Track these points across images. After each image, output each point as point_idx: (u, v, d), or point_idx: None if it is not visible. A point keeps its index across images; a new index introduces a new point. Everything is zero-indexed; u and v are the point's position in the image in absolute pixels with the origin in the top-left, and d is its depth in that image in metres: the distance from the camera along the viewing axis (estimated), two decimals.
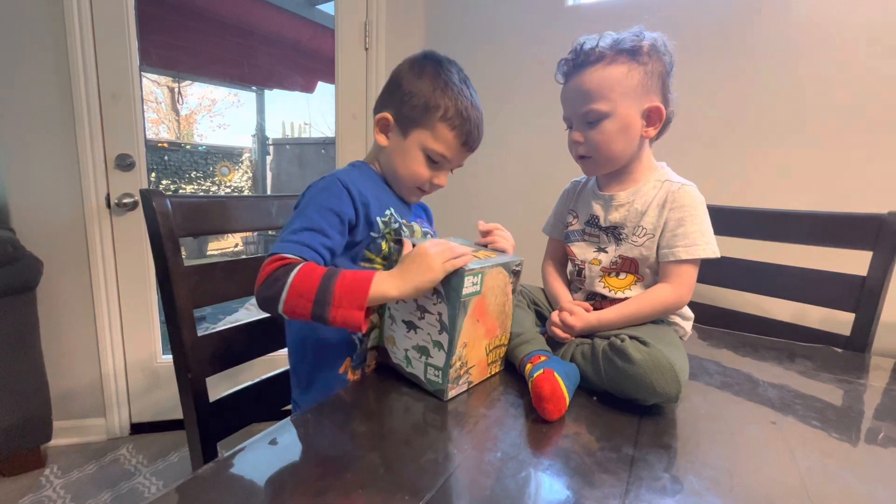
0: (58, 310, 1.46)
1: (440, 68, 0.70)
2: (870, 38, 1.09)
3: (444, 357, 0.56)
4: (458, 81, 0.70)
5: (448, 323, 0.55)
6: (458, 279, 0.54)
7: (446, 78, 0.69)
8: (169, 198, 0.70)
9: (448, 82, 0.68)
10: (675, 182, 0.67)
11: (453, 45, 1.70)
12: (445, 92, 0.68)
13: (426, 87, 0.68)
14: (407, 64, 0.72)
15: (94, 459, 1.47)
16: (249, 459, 0.45)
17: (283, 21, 2.43)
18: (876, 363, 0.77)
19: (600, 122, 0.65)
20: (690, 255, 0.64)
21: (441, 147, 0.69)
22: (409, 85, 0.69)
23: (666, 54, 0.65)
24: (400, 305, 0.61)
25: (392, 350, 0.63)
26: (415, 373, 0.60)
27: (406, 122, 0.69)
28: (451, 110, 0.68)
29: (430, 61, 0.71)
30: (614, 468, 0.43)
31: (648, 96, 0.65)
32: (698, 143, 1.31)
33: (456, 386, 0.58)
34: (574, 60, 0.67)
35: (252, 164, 4.09)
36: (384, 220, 0.68)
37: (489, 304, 0.59)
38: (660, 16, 1.32)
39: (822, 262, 0.91)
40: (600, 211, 0.71)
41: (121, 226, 1.49)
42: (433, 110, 0.67)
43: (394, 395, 0.59)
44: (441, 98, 0.67)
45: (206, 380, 0.72)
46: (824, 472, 0.45)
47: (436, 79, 0.68)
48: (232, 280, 0.80)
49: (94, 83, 1.39)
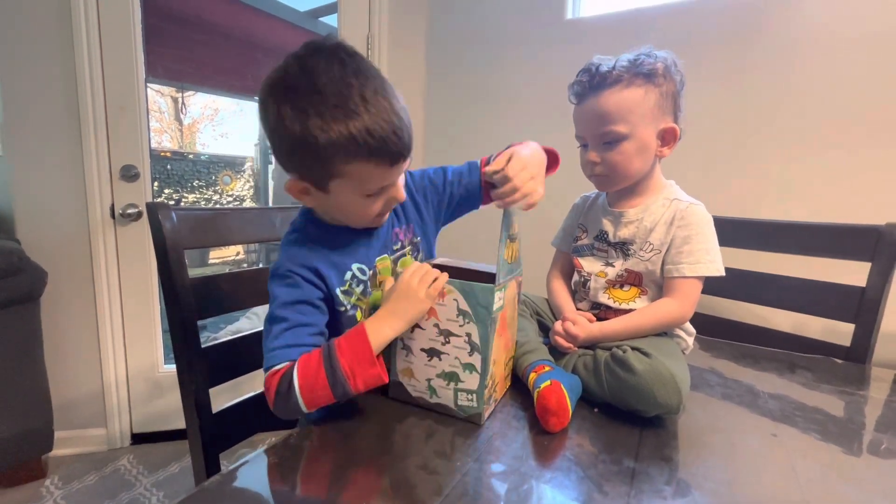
0: (61, 319, 1.47)
1: (306, 87, 0.51)
2: (869, 50, 1.11)
3: (479, 379, 0.54)
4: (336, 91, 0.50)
5: (480, 343, 0.54)
6: (488, 296, 0.53)
7: (318, 99, 0.50)
8: (174, 210, 0.71)
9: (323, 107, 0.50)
10: (683, 201, 0.69)
11: (454, 60, 1.72)
12: (327, 125, 0.50)
13: (300, 129, 0.50)
14: (265, 91, 0.53)
15: (94, 470, 1.46)
16: (255, 472, 0.46)
17: (286, 33, 2.47)
18: (876, 374, 0.77)
19: (619, 143, 0.66)
20: (694, 272, 0.65)
21: (369, 183, 0.55)
22: (282, 130, 0.52)
23: (677, 74, 0.67)
24: (416, 333, 0.57)
25: (410, 383, 0.59)
26: (442, 402, 0.57)
27: (313, 178, 0.56)
28: (351, 144, 0.50)
29: (284, 81, 0.52)
30: (616, 481, 0.44)
31: (664, 117, 0.66)
32: (698, 154, 1.32)
33: (489, 406, 0.56)
34: (590, 82, 0.67)
35: (254, 173, 4.11)
36: (343, 289, 0.61)
37: (508, 318, 0.59)
38: (658, 29, 1.35)
39: (824, 273, 0.92)
40: (610, 227, 0.73)
41: (124, 236, 1.51)
42: (329, 158, 0.52)
43: (397, 408, 0.59)
44: (325, 137, 0.50)
45: (208, 391, 0.73)
46: (825, 484, 0.45)
47: (307, 109, 0.50)
48: (236, 291, 0.81)
49: (100, 95, 1.41)
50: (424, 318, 0.56)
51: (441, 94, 1.76)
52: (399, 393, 0.60)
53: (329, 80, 0.50)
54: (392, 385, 0.60)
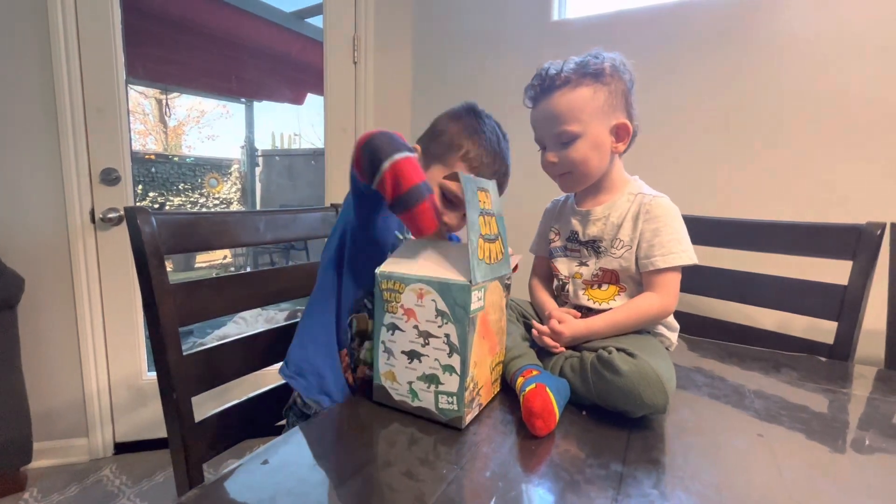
0: (39, 327, 1.43)
1: (477, 118, 0.75)
2: (851, 52, 1.13)
3: (458, 381, 0.54)
4: (490, 132, 0.74)
5: (458, 343, 0.53)
6: (465, 295, 0.52)
7: (478, 126, 0.74)
8: (154, 215, 0.69)
9: (478, 130, 0.73)
10: (647, 194, 0.70)
11: (440, 61, 1.72)
12: (472, 137, 0.73)
13: (455, 129, 0.74)
14: (449, 111, 0.78)
15: (76, 481, 1.43)
16: (237, 483, 0.44)
17: (272, 34, 2.44)
18: (859, 372, 0.78)
19: (573, 142, 0.68)
20: (668, 263, 0.65)
21: (455, 186, 0.70)
22: (442, 125, 0.76)
23: (626, 73, 0.69)
24: (396, 336, 0.57)
25: (392, 387, 0.59)
26: (423, 405, 0.56)
27: (431, 157, 0.75)
28: (472, 152, 0.72)
29: (470, 111, 0.77)
30: (603, 485, 0.43)
31: (615, 114, 0.68)
32: (682, 155, 1.33)
33: (471, 410, 0.55)
34: (541, 85, 0.70)
35: (241, 175, 4.06)
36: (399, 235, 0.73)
37: (491, 321, 0.59)
38: (643, 30, 1.36)
39: (808, 272, 0.93)
40: (579, 226, 0.74)
41: (105, 241, 1.47)
42: (455, 149, 0.72)
43: (384, 414, 0.58)
44: (466, 140, 0.72)
45: (191, 399, 0.71)
46: (810, 484, 0.45)
47: (468, 125, 0.74)
48: (219, 297, 0.79)
49: (79, 97, 1.38)
50: (404, 319, 0.56)
51: (427, 95, 1.75)
52: (382, 396, 0.59)
53: (494, 126, 0.77)
54: (375, 388, 0.60)
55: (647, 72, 1.33)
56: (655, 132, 1.33)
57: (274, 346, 0.85)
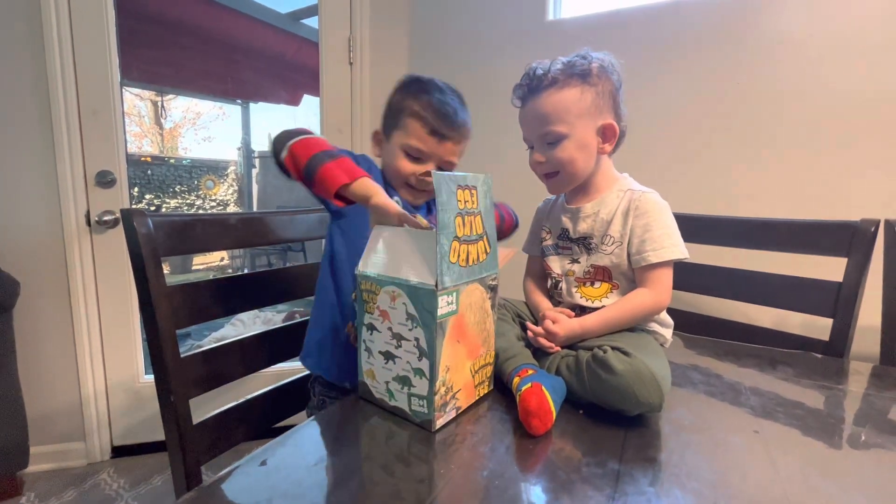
0: (35, 330, 1.43)
1: (418, 81, 0.80)
2: (845, 51, 1.14)
3: (427, 384, 0.53)
4: (432, 86, 0.78)
5: (427, 348, 0.53)
6: (431, 299, 0.51)
7: (419, 86, 0.78)
8: (151, 216, 0.69)
9: (420, 89, 0.78)
10: (636, 190, 0.70)
11: (436, 61, 1.72)
12: (416, 95, 0.77)
13: (399, 96, 0.79)
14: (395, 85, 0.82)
15: (73, 485, 1.42)
16: (234, 485, 0.44)
17: (267, 35, 2.43)
18: (854, 368, 0.78)
19: (560, 142, 0.68)
20: (659, 258, 0.65)
21: (413, 140, 0.76)
22: (389, 98, 0.81)
23: (614, 73, 0.69)
24: (375, 336, 0.58)
25: (373, 385, 0.60)
26: (399, 405, 0.57)
27: (388, 128, 0.80)
28: (416, 105, 0.76)
29: (411, 78, 0.81)
30: (600, 484, 0.43)
31: (602, 115, 0.68)
32: (677, 154, 1.34)
33: (444, 414, 0.55)
34: (529, 85, 0.70)
35: (238, 177, 4.05)
36: None
37: (468, 323, 0.58)
38: (638, 30, 1.36)
39: (803, 269, 0.93)
40: (569, 224, 0.74)
41: (101, 244, 1.47)
42: (404, 111, 0.77)
43: (381, 417, 0.58)
44: (410, 100, 0.77)
45: (188, 402, 0.71)
46: (805, 481, 0.45)
47: (410, 89, 0.79)
48: (216, 299, 0.79)
49: (73, 99, 1.38)
50: (381, 320, 0.57)
51: None
52: (365, 393, 0.61)
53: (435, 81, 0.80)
54: (360, 385, 0.62)
55: (642, 71, 1.33)
56: (650, 131, 1.33)
57: (271, 348, 0.85)
